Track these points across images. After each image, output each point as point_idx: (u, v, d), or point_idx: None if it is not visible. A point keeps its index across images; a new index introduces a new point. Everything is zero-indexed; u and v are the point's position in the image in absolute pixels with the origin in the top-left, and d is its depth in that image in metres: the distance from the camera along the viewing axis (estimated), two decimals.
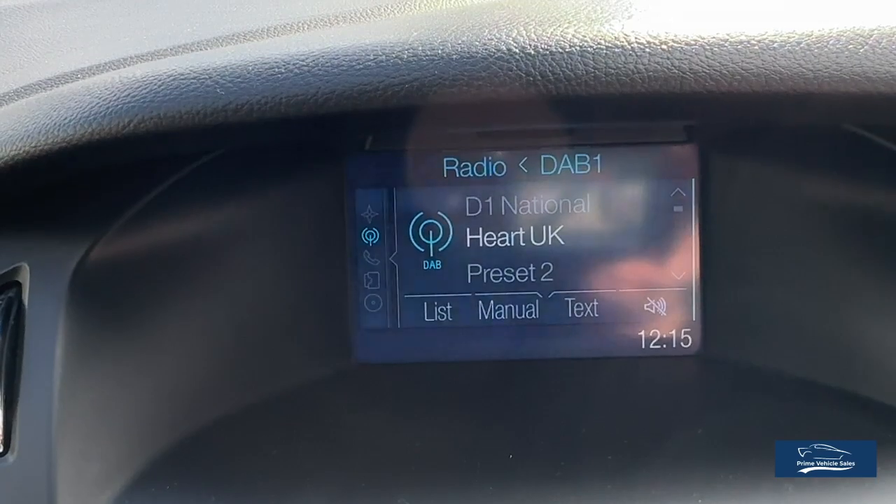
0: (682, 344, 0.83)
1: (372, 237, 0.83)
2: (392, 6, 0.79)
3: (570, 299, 0.84)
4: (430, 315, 0.84)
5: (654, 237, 0.83)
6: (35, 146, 0.60)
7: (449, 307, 0.84)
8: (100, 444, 0.66)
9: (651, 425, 0.74)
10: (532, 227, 0.83)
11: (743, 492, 0.66)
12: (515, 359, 0.84)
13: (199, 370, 0.74)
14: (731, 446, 0.70)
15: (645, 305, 0.83)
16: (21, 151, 0.61)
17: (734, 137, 0.80)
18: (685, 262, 0.83)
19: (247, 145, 0.72)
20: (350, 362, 0.83)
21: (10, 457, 0.63)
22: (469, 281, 0.84)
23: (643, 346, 0.84)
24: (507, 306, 0.84)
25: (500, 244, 0.83)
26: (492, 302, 0.84)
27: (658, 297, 0.83)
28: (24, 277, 0.68)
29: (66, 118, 0.60)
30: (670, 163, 0.82)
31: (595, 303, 0.83)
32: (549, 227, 0.83)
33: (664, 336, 0.83)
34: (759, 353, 0.80)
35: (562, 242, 0.83)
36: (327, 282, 0.82)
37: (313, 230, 0.81)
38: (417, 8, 0.78)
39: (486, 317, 0.84)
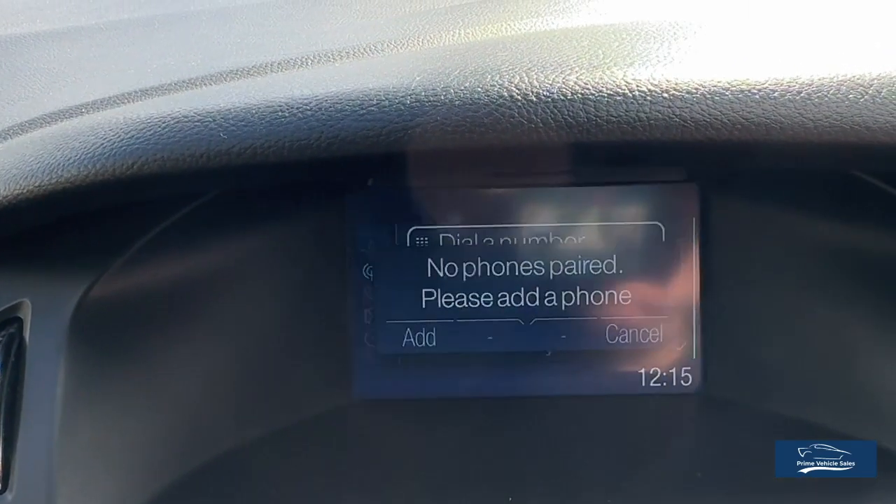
0: (682, 382, 0.83)
1: (368, 278, 0.83)
2: (393, 41, 0.79)
3: (571, 335, 0.83)
4: (434, 350, 0.83)
5: (654, 276, 0.83)
6: (39, 185, 0.61)
7: (452, 343, 0.83)
8: (99, 483, 0.66)
9: (649, 466, 0.74)
10: (532, 264, 0.83)
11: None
12: (519, 396, 0.83)
13: (199, 407, 0.74)
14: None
15: (645, 343, 0.83)
16: (25, 190, 0.61)
17: (734, 178, 0.81)
18: (685, 301, 0.83)
19: (246, 184, 0.72)
20: (350, 398, 0.83)
21: (9, 495, 0.63)
22: (471, 316, 0.83)
23: (643, 384, 0.83)
24: (512, 340, 0.83)
25: (502, 279, 0.83)
26: (495, 336, 0.84)
27: (658, 334, 0.83)
28: (26, 313, 0.68)
29: (70, 158, 0.60)
30: (670, 202, 0.82)
31: (595, 340, 0.83)
32: (550, 265, 0.83)
33: (664, 374, 0.83)
34: (759, 393, 0.80)
35: (562, 279, 0.83)
36: (328, 317, 0.82)
37: (314, 266, 0.81)
38: (419, 45, 0.78)
39: (490, 351, 0.84)
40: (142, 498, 0.68)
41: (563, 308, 0.83)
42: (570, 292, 0.83)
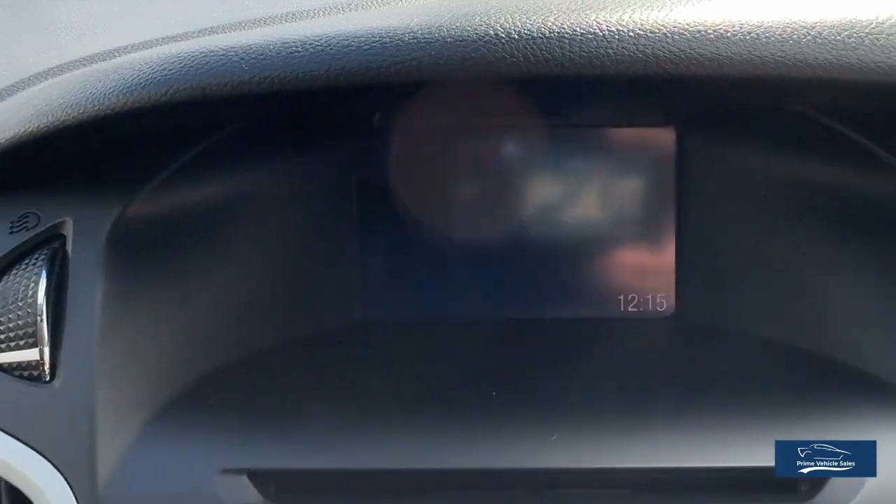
0: (657, 307, 0.91)
1: (377, 207, 0.91)
2: None
3: (557, 267, 0.92)
4: (430, 276, 0.92)
5: (634, 211, 0.90)
6: (83, 112, 0.68)
7: (447, 271, 0.92)
8: (134, 377, 0.74)
9: (630, 386, 0.81)
10: (521, 200, 0.91)
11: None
12: (509, 317, 0.92)
13: (220, 318, 0.81)
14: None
15: (624, 272, 0.91)
16: (70, 117, 0.69)
17: (710, 121, 0.87)
18: (663, 234, 0.90)
19: (266, 118, 0.80)
20: (357, 317, 0.91)
21: (57, 382, 0.72)
22: (466, 247, 0.92)
23: (622, 309, 0.91)
24: (501, 271, 0.92)
25: (494, 214, 0.91)
26: (487, 267, 0.92)
27: (636, 264, 0.91)
28: (68, 231, 0.76)
29: (110, 88, 0.68)
30: (650, 144, 0.89)
31: (580, 270, 0.91)
32: (536, 203, 0.91)
33: (641, 300, 0.91)
34: (732, 316, 0.87)
35: (550, 214, 0.91)
36: (339, 245, 0.90)
37: (326, 198, 0.89)
38: None
39: (483, 279, 0.92)
40: (171, 390, 0.76)
41: (551, 240, 0.91)
42: (558, 226, 0.91)
